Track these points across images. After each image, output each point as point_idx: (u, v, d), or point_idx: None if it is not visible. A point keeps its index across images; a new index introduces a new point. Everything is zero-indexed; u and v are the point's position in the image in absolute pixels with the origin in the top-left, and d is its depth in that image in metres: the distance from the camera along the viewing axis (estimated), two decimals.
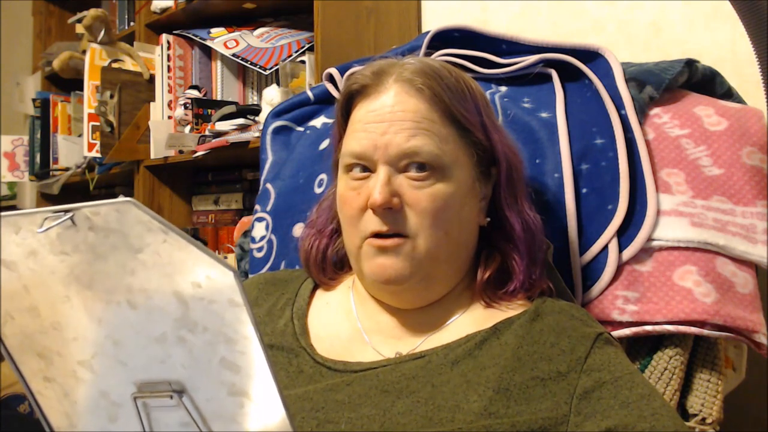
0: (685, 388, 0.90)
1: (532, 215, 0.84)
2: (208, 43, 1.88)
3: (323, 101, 1.24)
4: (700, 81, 1.06)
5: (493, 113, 0.85)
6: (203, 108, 1.84)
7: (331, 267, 0.88)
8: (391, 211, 0.75)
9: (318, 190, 1.10)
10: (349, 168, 0.79)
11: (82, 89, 2.20)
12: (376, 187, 0.75)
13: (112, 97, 2.00)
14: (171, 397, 0.48)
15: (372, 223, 0.76)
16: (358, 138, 0.78)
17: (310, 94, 1.26)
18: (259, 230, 1.15)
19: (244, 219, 1.32)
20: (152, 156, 1.94)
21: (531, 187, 0.92)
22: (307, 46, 1.71)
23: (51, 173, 2.52)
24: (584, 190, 0.95)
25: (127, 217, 0.45)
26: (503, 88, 1.09)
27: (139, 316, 0.48)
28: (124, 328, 0.49)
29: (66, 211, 0.46)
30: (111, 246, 0.46)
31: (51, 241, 0.48)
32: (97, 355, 0.51)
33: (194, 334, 0.46)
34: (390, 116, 0.77)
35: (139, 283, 0.47)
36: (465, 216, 0.79)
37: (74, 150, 2.46)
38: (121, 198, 0.45)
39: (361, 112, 0.79)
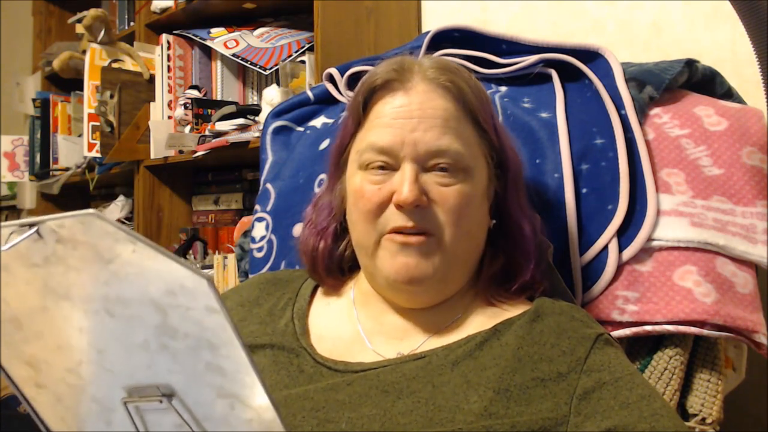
0: (685, 388, 0.90)
1: (537, 217, 0.85)
2: (208, 43, 1.88)
3: (323, 101, 1.24)
4: (700, 81, 1.06)
5: (497, 116, 0.85)
6: (203, 108, 1.84)
7: (338, 269, 0.87)
8: (418, 208, 0.75)
9: (318, 190, 1.10)
10: (369, 164, 0.78)
11: (82, 89, 2.20)
12: (404, 184, 0.74)
13: (112, 97, 2.00)
14: (161, 402, 0.48)
15: (395, 219, 0.75)
16: (383, 132, 0.77)
17: (310, 94, 1.26)
18: (259, 230, 1.15)
19: (244, 219, 1.32)
20: (152, 156, 1.94)
21: (531, 187, 0.93)
22: (307, 46, 1.71)
23: (51, 173, 2.52)
24: (584, 190, 0.95)
25: (92, 228, 0.44)
26: (503, 88, 1.09)
27: (119, 324, 0.47)
28: (106, 336, 0.49)
29: (31, 225, 0.46)
30: (80, 257, 0.46)
31: (21, 255, 0.47)
32: (83, 363, 0.50)
33: (176, 340, 0.46)
34: (419, 113, 0.76)
35: (115, 293, 0.46)
36: (481, 216, 0.80)
37: (74, 150, 2.46)
38: (84, 210, 0.44)
39: (386, 107, 0.78)
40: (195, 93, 1.90)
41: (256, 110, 1.71)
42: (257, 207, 1.18)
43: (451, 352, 0.75)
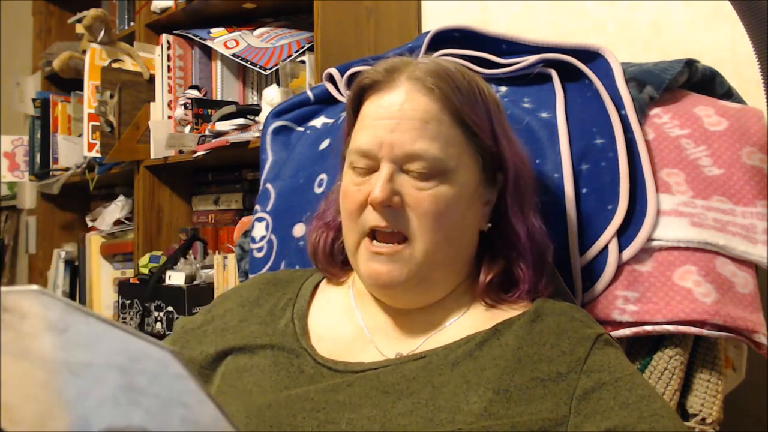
0: (685, 388, 0.90)
1: (538, 225, 0.83)
2: (208, 43, 1.88)
3: (323, 101, 1.24)
4: (700, 81, 1.05)
5: (505, 120, 0.84)
6: (203, 108, 1.84)
7: (339, 260, 0.88)
8: (391, 209, 0.76)
9: (318, 190, 1.10)
10: (354, 166, 0.79)
11: (82, 89, 2.20)
12: (377, 184, 0.75)
13: (112, 97, 2.00)
14: None
15: (371, 218, 0.77)
16: (365, 135, 0.78)
17: (310, 94, 1.26)
18: (259, 230, 1.15)
19: (244, 219, 1.32)
20: (152, 156, 1.94)
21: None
22: (307, 46, 1.71)
23: (51, 173, 2.52)
24: (584, 190, 0.95)
25: (39, 302, 0.43)
26: (503, 88, 1.09)
27: (84, 383, 0.46)
28: (73, 391, 0.47)
29: None
30: (31, 326, 0.45)
31: None
32: (54, 409, 0.49)
33: (146, 397, 0.45)
34: (399, 114, 0.77)
35: (74, 358, 0.45)
36: (467, 220, 0.79)
37: (74, 150, 2.45)
38: (29, 286, 0.43)
39: (372, 107, 0.80)
40: (195, 93, 1.90)
41: (256, 110, 1.71)
42: (257, 207, 1.18)
43: (451, 352, 0.75)
